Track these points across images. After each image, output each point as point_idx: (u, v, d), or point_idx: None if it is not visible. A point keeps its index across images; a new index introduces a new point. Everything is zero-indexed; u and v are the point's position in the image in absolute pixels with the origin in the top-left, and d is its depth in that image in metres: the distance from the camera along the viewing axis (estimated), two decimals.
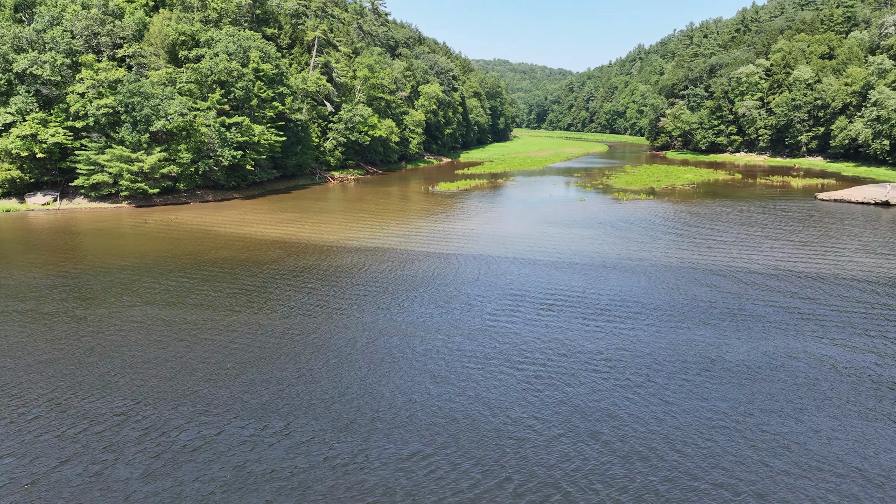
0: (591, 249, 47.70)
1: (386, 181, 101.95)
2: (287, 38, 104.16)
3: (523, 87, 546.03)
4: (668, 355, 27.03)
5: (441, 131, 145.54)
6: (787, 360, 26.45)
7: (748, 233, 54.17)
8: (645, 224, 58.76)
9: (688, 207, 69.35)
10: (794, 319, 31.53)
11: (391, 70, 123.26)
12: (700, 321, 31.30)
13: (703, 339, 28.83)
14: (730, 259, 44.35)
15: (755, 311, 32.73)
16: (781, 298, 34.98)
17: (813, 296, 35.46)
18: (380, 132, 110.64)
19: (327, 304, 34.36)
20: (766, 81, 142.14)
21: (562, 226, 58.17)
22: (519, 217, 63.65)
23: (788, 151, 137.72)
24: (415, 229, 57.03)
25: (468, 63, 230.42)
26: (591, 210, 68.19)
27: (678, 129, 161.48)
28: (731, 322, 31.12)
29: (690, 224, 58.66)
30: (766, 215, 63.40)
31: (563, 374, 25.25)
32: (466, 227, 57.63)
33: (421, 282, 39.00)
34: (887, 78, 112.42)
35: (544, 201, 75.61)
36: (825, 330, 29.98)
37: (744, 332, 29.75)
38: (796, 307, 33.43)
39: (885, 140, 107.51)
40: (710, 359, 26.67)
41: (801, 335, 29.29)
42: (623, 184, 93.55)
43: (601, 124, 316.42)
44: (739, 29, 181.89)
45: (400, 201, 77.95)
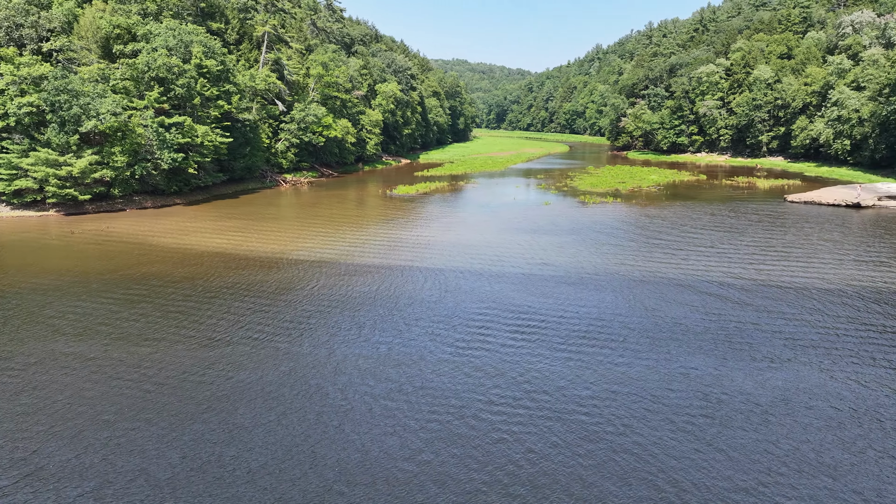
0: (563, 261, 44.01)
1: (342, 184, 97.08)
2: (235, 33, 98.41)
3: (482, 87, 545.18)
4: (666, 394, 23.30)
5: (399, 131, 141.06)
6: (799, 397, 22.99)
7: (724, 239, 51.28)
8: (616, 231, 55.48)
9: (658, 211, 66.49)
10: (794, 344, 28.23)
11: (346, 68, 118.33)
12: (693, 347, 27.74)
13: (700, 371, 25.21)
14: (713, 271, 41.16)
15: (752, 334, 29.36)
16: (778, 318, 31.72)
17: (809, 316, 32.31)
18: (335, 133, 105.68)
19: (266, 332, 29.77)
20: (727, 81, 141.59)
21: (529, 233, 54.46)
22: (482, 223, 59.76)
23: (749, 151, 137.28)
24: (371, 238, 52.61)
25: (427, 62, 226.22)
26: (558, 215, 64.74)
27: (639, 129, 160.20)
28: (728, 348, 27.62)
29: (663, 230, 55.60)
30: (738, 219, 60.85)
31: (547, 421, 21.29)
32: (427, 236, 53.46)
33: (378, 302, 34.66)
34: (847, 78, 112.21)
35: (508, 205, 71.95)
36: (829, 356, 26.72)
37: (744, 360, 26.25)
38: (795, 329, 30.18)
39: (846, 140, 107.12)
40: (714, 397, 23.01)
41: (807, 365, 25.94)
42: (588, 186, 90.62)
43: (561, 124, 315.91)
44: (698, 29, 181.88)
45: (356, 206, 73.34)
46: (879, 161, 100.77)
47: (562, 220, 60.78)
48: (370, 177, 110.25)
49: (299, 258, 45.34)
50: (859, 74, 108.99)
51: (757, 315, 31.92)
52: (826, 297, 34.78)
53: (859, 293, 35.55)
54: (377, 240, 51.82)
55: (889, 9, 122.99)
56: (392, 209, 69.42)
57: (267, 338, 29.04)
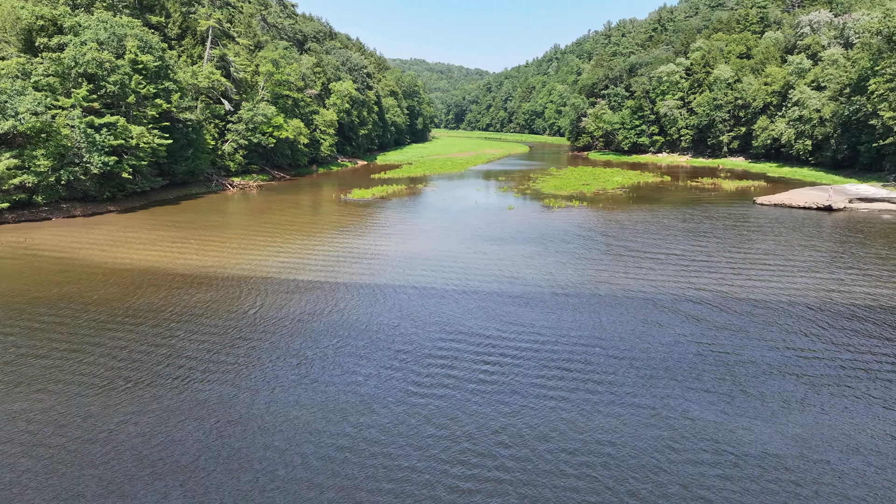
0: (533, 275, 40.09)
1: (294, 187, 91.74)
2: (176, 27, 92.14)
3: (441, 87, 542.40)
4: (668, 452, 19.37)
5: (355, 132, 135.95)
6: (828, 451, 19.38)
7: (701, 248, 48.13)
8: (585, 239, 51.90)
9: (626, 216, 63.30)
10: (804, 379, 24.75)
11: (298, 66, 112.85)
12: (691, 385, 23.96)
13: (706, 417, 21.37)
14: (696, 286, 37.75)
15: (753, 366, 25.79)
16: (779, 345, 28.30)
17: (814, 344, 28.97)
18: (286, 133, 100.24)
19: (185, 371, 24.96)
20: (687, 81, 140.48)
21: (494, 242, 50.47)
22: (443, 232, 55.55)
23: (710, 152, 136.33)
24: (321, 249, 47.88)
25: (384, 61, 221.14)
26: (523, 220, 60.97)
27: (600, 130, 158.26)
28: (732, 383, 23.95)
29: (636, 237, 52.25)
30: (711, 224, 57.99)
31: (530, 489, 17.16)
32: (383, 246, 48.99)
33: (325, 330, 30.11)
34: (807, 77, 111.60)
35: (470, 210, 67.93)
36: (846, 394, 23.29)
37: (755, 400, 22.56)
38: (800, 359, 26.76)
39: (808, 140, 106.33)
40: (729, 454, 19.16)
41: (826, 407, 22.43)
42: (552, 188, 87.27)
43: (520, 124, 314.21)
44: (656, 28, 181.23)
45: (306, 212, 68.32)
46: (841, 161, 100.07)
47: (527, 227, 57.00)
48: (325, 179, 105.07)
49: (240, 273, 40.40)
50: (819, 74, 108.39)
51: (755, 342, 28.44)
52: (826, 319, 31.57)
53: (863, 313, 32.45)
54: (328, 252, 47.12)
55: (846, 9, 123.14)
56: (345, 216, 64.68)
57: (185, 380, 24.26)
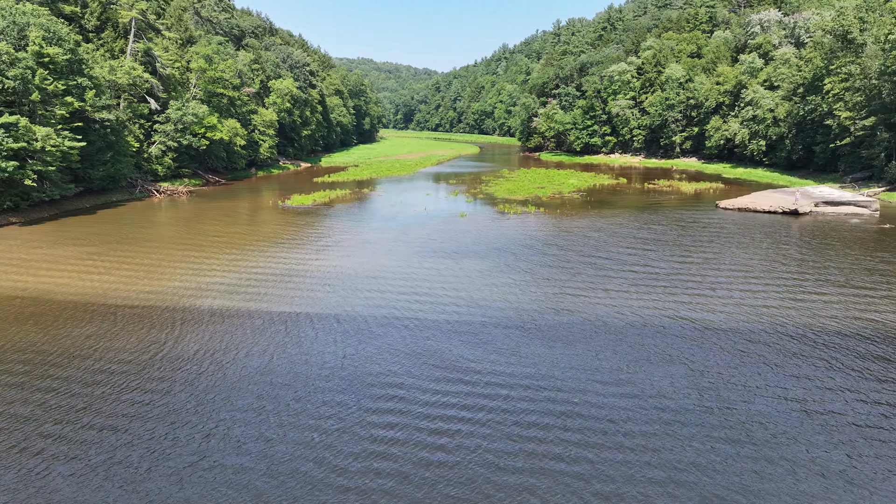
0: (495, 297, 35.00)
1: (229, 193, 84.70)
2: (95, 18, 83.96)
3: (389, 87, 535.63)
4: None
5: (298, 132, 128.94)
6: None
7: (673, 259, 43.99)
8: (547, 250, 47.21)
9: (588, 223, 59.03)
10: (840, 437, 20.31)
11: (234, 62, 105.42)
12: (706, 456, 19.14)
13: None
14: (677, 305, 33.30)
15: (774, 416, 21.26)
16: (797, 389, 23.89)
17: (833, 379, 24.70)
18: (220, 134, 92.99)
19: (43, 442, 18.90)
20: (638, 80, 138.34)
21: (447, 256, 45.27)
22: (391, 244, 50.09)
23: (663, 152, 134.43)
24: (250, 268, 41.81)
25: (328, 59, 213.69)
26: (478, 230, 55.99)
27: (552, 130, 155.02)
28: (751, 450, 19.26)
29: (601, 248, 47.84)
30: (677, 232, 54.16)
31: None
32: (322, 263, 43.23)
33: (240, 380, 24.30)
34: (759, 77, 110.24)
35: (419, 218, 62.63)
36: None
37: (782, 474, 17.91)
38: (827, 408, 22.36)
39: (762, 140, 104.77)
40: None
41: (878, 482, 17.95)
42: (505, 192, 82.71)
43: (470, 124, 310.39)
44: (606, 27, 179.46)
45: (239, 221, 61.76)
46: (796, 162, 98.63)
47: (483, 238, 52.02)
48: (264, 183, 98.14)
49: (147, 299, 34.06)
50: (772, 74, 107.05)
51: (768, 380, 24.00)
52: (842, 348, 27.42)
53: (879, 337, 28.50)
54: (258, 270, 41.10)
55: (794, 8, 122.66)
56: (282, 226, 58.51)
57: (41, 456, 18.22)
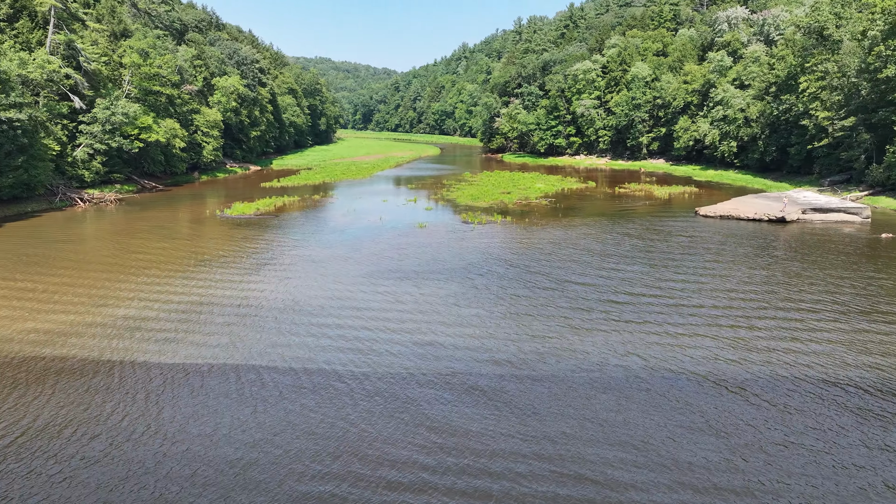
0: (465, 336, 28.54)
1: (164, 200, 76.65)
2: (6, 6, 75.02)
3: (347, 87, 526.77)
4: None
5: (246, 134, 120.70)
6: None
7: (663, 282, 38.30)
8: (521, 270, 41.11)
9: (562, 235, 53.20)
10: None
11: (173, 57, 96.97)
12: None
13: None
14: (682, 347, 27.45)
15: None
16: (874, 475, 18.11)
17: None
18: (156, 136, 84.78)
19: None
20: (603, 79, 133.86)
21: (406, 278, 38.81)
22: (340, 262, 43.39)
23: (629, 154, 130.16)
24: (166, 296, 34.63)
25: (282, 56, 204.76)
26: (440, 244, 49.65)
27: (515, 131, 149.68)
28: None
29: (580, 266, 41.94)
30: (657, 244, 48.70)
31: None
32: (255, 289, 36.33)
33: (109, 484, 17.41)
34: (728, 76, 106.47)
35: (375, 230, 56.03)
36: None
37: None
38: None
39: (733, 141, 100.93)
40: None
41: None
42: (468, 198, 76.55)
43: (430, 125, 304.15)
44: (568, 25, 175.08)
45: (167, 236, 54.09)
46: (769, 164, 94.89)
47: (446, 254, 45.68)
48: (207, 189, 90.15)
49: (26, 348, 26.73)
50: (742, 72, 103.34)
51: (820, 455, 18.18)
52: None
53: None
54: (175, 301, 33.96)
55: (762, 5, 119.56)
56: (215, 240, 51.22)
57: None
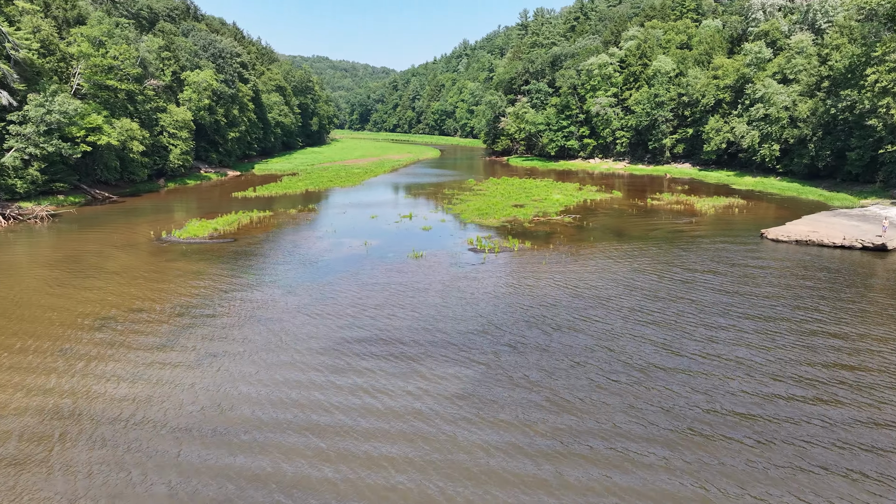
0: (492, 491, 15.85)
1: (110, 216, 63.72)
2: None
3: (345, 86, 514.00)
4: None
5: (223, 135, 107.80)
6: None
7: (760, 346, 25.49)
8: (563, 334, 28.25)
9: (603, 269, 40.32)
10: None
11: (131, 48, 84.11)
12: None
13: None
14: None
15: None
16: None
17: None
18: (108, 138, 72.05)
19: None
20: (621, 74, 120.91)
21: (393, 355, 25.95)
22: (300, 321, 30.55)
23: (650, 157, 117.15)
24: (18, 400, 21.86)
25: (270, 52, 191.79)
26: (442, 286, 36.81)
27: (522, 132, 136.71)
28: None
29: (652, 325, 29.10)
30: (736, 285, 35.87)
31: None
32: (153, 385, 23.45)
33: None
34: (768, 69, 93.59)
35: (356, 262, 43.24)
36: None
37: None
38: None
39: (775, 144, 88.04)
40: None
41: None
42: (475, 213, 63.78)
43: (429, 125, 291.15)
44: (578, 18, 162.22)
45: (74, 275, 40.89)
46: (820, 170, 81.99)
47: (452, 304, 32.85)
48: (172, 199, 77.30)
49: None
50: (784, 65, 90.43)
51: None
52: None
53: None
54: (10, 408, 21.14)
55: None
56: (136, 283, 38.27)
57: None
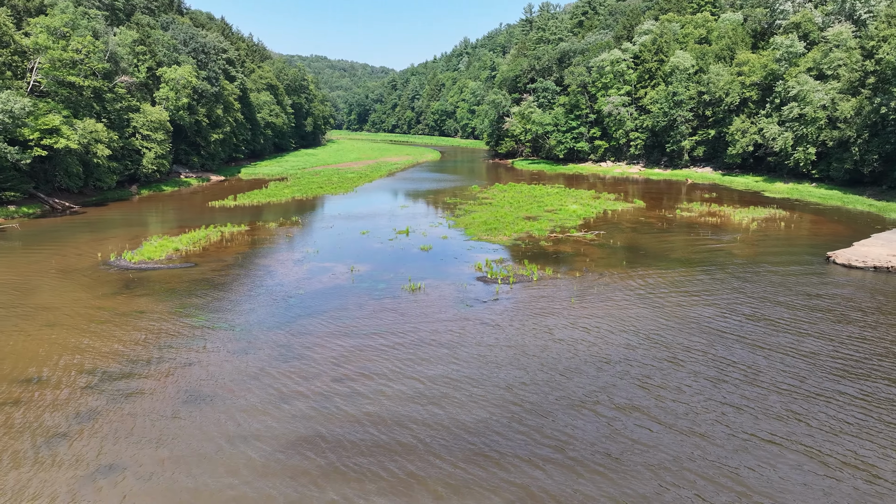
0: None
1: (59, 232, 55.23)
2: None
3: (343, 86, 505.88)
4: None
5: (205, 137, 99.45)
6: None
7: None
8: (618, 418, 19.86)
9: (644, 303, 31.90)
10: None
11: (94, 40, 75.78)
12: None
13: None
14: None
15: None
16: None
17: None
18: (67, 141, 63.80)
19: None
20: (635, 71, 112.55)
21: (385, 473, 17.58)
22: (253, 397, 22.15)
23: (667, 161, 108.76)
24: None
25: (262, 49, 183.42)
26: (448, 336, 28.39)
27: (528, 133, 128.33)
28: None
29: (734, 394, 20.75)
30: (833, 329, 27.53)
31: None
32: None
33: None
34: (800, 64, 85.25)
35: (337, 297, 34.86)
36: None
37: None
38: None
39: (811, 147, 79.69)
40: None
41: None
42: (481, 228, 55.43)
43: (429, 125, 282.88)
44: (587, 12, 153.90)
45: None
46: (864, 176, 73.63)
47: (462, 370, 24.44)
48: (143, 209, 68.93)
49: None
50: (821, 60, 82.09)
51: None
52: None
53: None
54: None
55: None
56: (46, 330, 29.66)
57: None
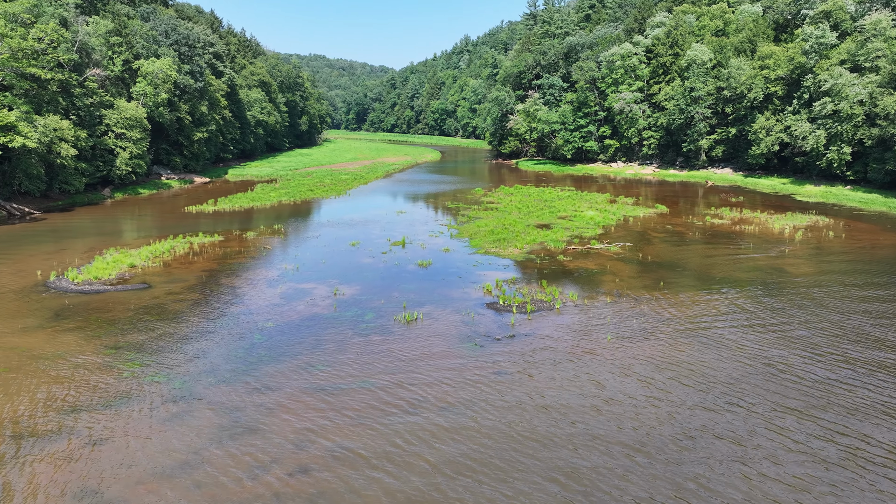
0: None
1: (7, 243, 48.48)
2: None
3: (342, 85, 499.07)
4: None
5: (188, 135, 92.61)
6: None
7: None
8: None
9: (700, 340, 25.10)
10: None
11: (61, 29, 68.96)
12: None
13: None
14: None
15: None
16: None
17: None
18: (24, 140, 57.06)
19: None
20: (648, 66, 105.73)
21: None
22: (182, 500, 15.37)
23: (683, 161, 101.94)
24: None
25: (255, 45, 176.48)
26: (453, 392, 21.59)
27: (534, 132, 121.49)
28: None
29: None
30: None
31: None
32: None
33: None
34: (832, 56, 78.45)
35: (313, 333, 28.07)
36: None
37: None
38: None
39: (846, 147, 72.88)
40: None
41: None
42: (488, 239, 48.60)
43: (429, 125, 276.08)
44: (594, 6, 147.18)
45: None
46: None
47: (472, 465, 17.58)
48: (113, 215, 62.12)
49: None
50: (856, 51, 75.30)
51: None
52: None
53: None
54: None
55: None
56: None
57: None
